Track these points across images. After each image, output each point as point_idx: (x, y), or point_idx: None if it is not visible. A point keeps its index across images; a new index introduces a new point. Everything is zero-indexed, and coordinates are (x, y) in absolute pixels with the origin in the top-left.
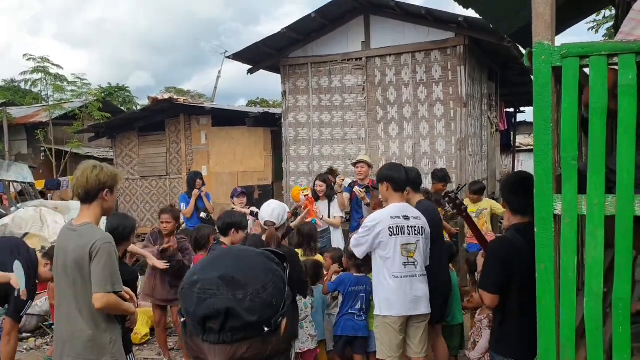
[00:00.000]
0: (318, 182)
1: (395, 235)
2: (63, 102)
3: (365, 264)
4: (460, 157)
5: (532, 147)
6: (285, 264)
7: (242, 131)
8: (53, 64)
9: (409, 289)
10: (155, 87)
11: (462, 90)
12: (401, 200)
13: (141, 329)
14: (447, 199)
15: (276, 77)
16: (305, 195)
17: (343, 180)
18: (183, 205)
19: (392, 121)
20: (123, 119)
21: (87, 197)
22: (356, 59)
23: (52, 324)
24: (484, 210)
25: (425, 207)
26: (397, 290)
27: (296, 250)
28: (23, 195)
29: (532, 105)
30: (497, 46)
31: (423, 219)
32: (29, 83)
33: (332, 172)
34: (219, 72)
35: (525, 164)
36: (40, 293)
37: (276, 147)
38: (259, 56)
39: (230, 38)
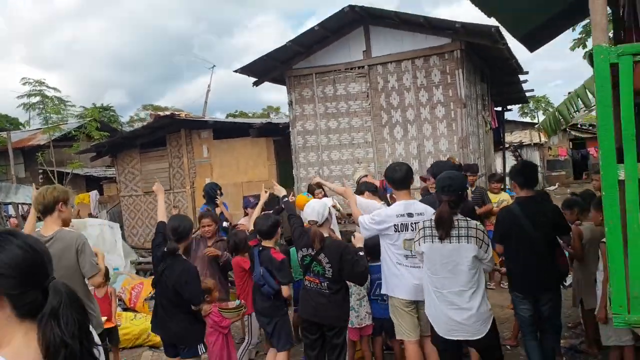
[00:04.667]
0: (317, 191)
1: (399, 232)
2: (59, 123)
3: (376, 254)
4: (463, 155)
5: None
6: None
7: (245, 142)
8: (49, 87)
9: (412, 278)
10: (131, 105)
11: (461, 91)
12: (406, 197)
13: None
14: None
15: (253, 90)
16: None
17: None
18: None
19: (396, 124)
20: (124, 137)
21: (46, 210)
22: (359, 67)
23: None
24: (504, 201)
25: (432, 201)
26: (401, 277)
27: None
28: (25, 219)
29: (518, 104)
30: (489, 49)
31: (427, 213)
32: (27, 107)
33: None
34: (209, 86)
35: (509, 160)
36: None
37: (279, 155)
38: (264, 69)
39: (204, 51)
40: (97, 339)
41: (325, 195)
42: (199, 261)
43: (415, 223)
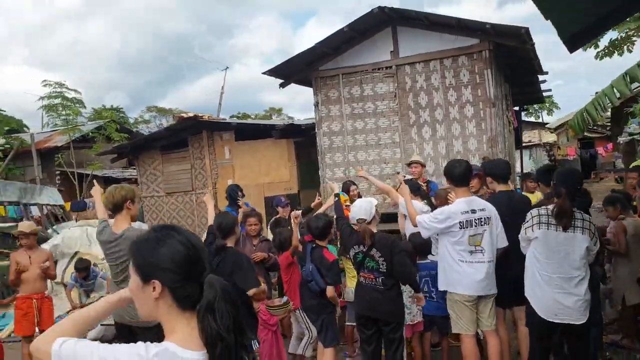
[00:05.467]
0: (352, 187)
1: (464, 228)
2: (77, 125)
3: (423, 251)
4: (492, 154)
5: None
6: None
7: (267, 144)
8: (69, 89)
9: (476, 273)
10: (132, 107)
11: (490, 91)
12: (466, 194)
13: None
14: None
15: (254, 91)
16: (346, 206)
17: (404, 177)
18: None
19: (424, 124)
20: (146, 139)
21: (115, 208)
22: (386, 68)
23: None
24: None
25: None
26: (464, 274)
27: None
28: (48, 218)
29: (536, 104)
30: (517, 49)
31: (488, 209)
32: (47, 108)
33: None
34: (222, 87)
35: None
36: None
37: (300, 157)
38: (291, 71)
39: (205, 52)
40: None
41: (359, 194)
42: None
43: (478, 219)
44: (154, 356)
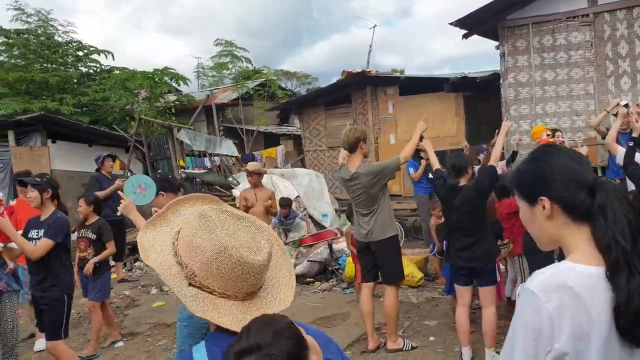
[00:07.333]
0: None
1: None
2: (243, 84)
3: None
4: None
5: None
6: None
7: (431, 98)
8: (238, 47)
9: None
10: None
11: None
12: None
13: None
14: None
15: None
16: (547, 135)
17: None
18: (411, 170)
19: (623, 74)
20: (309, 95)
21: (351, 148)
22: (582, 16)
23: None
24: None
25: None
26: None
27: None
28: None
29: None
30: None
31: None
32: (218, 67)
33: None
34: (370, 46)
35: None
36: None
37: (468, 111)
38: (475, 21)
39: (324, 16)
40: None
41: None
42: None
43: None
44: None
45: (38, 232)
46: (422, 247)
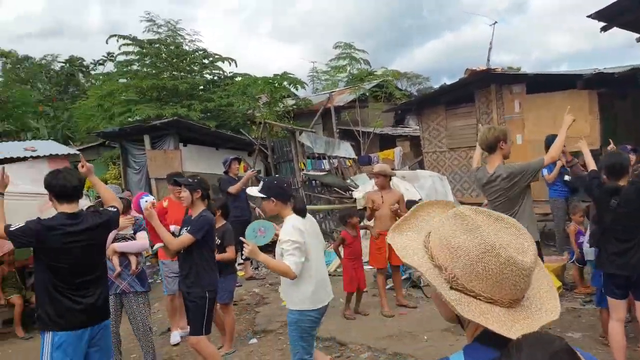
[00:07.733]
0: None
1: None
2: (358, 86)
3: None
4: None
5: None
6: None
7: (562, 96)
8: (357, 49)
9: None
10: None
11: None
12: None
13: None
14: None
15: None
16: None
17: None
18: (545, 171)
19: None
20: (429, 95)
21: (489, 148)
22: None
23: None
24: None
25: None
26: None
27: None
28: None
29: None
30: None
31: None
32: (338, 69)
33: None
34: (490, 43)
35: None
36: None
37: (602, 109)
38: (617, 12)
39: (433, 15)
40: None
41: None
42: None
43: None
44: None
45: (186, 229)
46: (555, 254)
